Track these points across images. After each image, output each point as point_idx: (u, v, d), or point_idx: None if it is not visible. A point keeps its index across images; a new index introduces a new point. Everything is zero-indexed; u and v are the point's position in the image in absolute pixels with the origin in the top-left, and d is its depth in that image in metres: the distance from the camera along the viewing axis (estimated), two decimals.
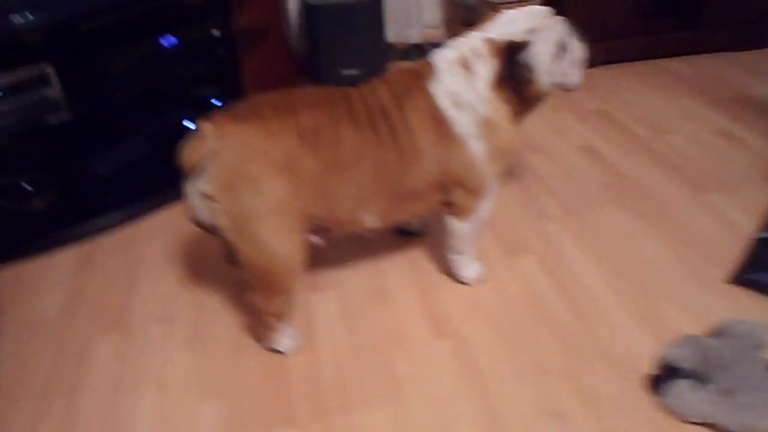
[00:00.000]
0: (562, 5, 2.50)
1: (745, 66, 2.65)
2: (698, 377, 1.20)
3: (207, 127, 1.17)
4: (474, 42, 1.32)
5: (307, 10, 2.16)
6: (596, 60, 2.63)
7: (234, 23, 2.22)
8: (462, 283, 1.52)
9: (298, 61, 2.48)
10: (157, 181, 1.98)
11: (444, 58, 1.32)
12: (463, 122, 1.29)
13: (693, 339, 1.27)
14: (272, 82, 2.36)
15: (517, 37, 1.28)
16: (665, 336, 1.34)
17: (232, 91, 2.38)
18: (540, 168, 1.99)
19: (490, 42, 1.30)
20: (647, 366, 1.28)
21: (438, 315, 1.44)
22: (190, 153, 1.18)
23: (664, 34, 2.69)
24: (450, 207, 1.39)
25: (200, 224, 1.26)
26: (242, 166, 1.16)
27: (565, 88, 1.39)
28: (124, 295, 1.58)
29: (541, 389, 1.25)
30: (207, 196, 1.18)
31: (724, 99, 2.36)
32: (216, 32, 2.14)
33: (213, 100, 2.34)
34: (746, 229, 1.65)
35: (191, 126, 2.20)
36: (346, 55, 2.22)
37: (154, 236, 1.80)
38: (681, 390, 1.19)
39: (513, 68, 1.28)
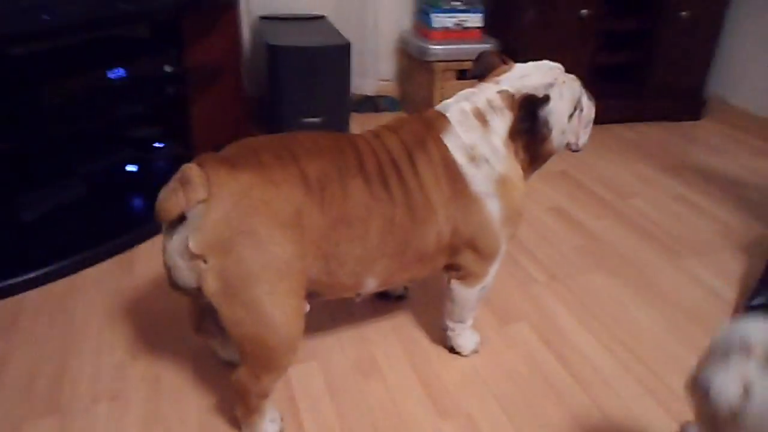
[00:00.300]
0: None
1: (685, 135, 2.77)
2: None
3: (194, 171, 0.98)
4: (489, 94, 1.23)
5: (271, 52, 2.02)
6: None
7: (186, 60, 2.04)
8: (456, 353, 1.39)
9: (251, 105, 2.32)
10: (93, 229, 1.73)
11: (458, 109, 1.22)
12: (479, 179, 1.18)
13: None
14: (222, 127, 2.18)
15: (538, 91, 1.20)
16: (674, 406, 1.26)
17: (178, 134, 2.18)
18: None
19: (506, 94, 1.22)
20: None
21: (437, 390, 1.29)
22: (171, 202, 0.98)
23: (611, 100, 2.76)
24: (456, 271, 1.27)
25: (179, 287, 1.06)
26: (241, 220, 0.98)
27: (572, 148, 1.33)
28: (59, 368, 1.31)
29: None
30: (193, 255, 0.98)
31: (672, 165, 2.43)
32: (168, 68, 1.95)
33: (156, 144, 2.13)
34: (728, 295, 1.64)
35: (132, 169, 1.97)
36: (310, 102, 2.08)
37: (92, 294, 1.54)
38: None
39: (531, 124, 1.20)
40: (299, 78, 2.03)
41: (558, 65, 1.28)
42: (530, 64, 1.27)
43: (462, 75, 2.55)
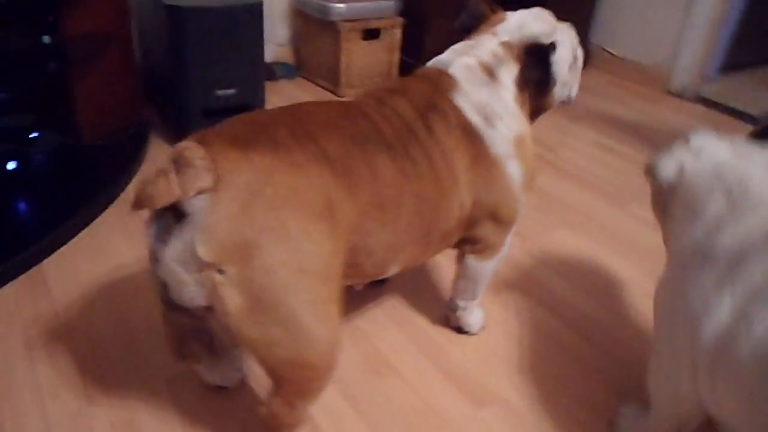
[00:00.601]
0: (424, 31, 2.43)
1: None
2: None
3: (196, 152, 0.76)
4: (491, 46, 1.10)
5: (170, 15, 1.71)
6: None
7: (66, 28, 1.67)
8: (464, 332, 1.28)
9: (146, 81, 1.98)
10: None
11: (462, 65, 1.08)
12: (498, 141, 1.06)
13: None
14: (112, 109, 1.85)
15: (542, 39, 1.10)
16: None
17: (59, 122, 1.81)
18: None
19: (509, 46, 1.10)
20: None
21: (460, 376, 1.18)
22: (160, 187, 0.73)
23: None
24: (472, 245, 1.15)
25: (178, 307, 0.83)
26: (266, 214, 0.77)
27: (566, 101, 1.26)
28: None
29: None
30: (203, 264, 0.76)
31: (579, 115, 2.49)
32: (46, 38, 1.58)
33: (33, 134, 1.75)
34: None
35: (11, 167, 1.60)
36: (221, 72, 1.81)
37: (2, 328, 1.21)
38: None
39: (542, 72, 1.10)
40: (207, 45, 1.75)
41: (549, 12, 1.18)
42: (523, 12, 1.16)
43: (369, 35, 2.39)
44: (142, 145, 1.85)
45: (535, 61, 1.09)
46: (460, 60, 1.09)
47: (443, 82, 1.07)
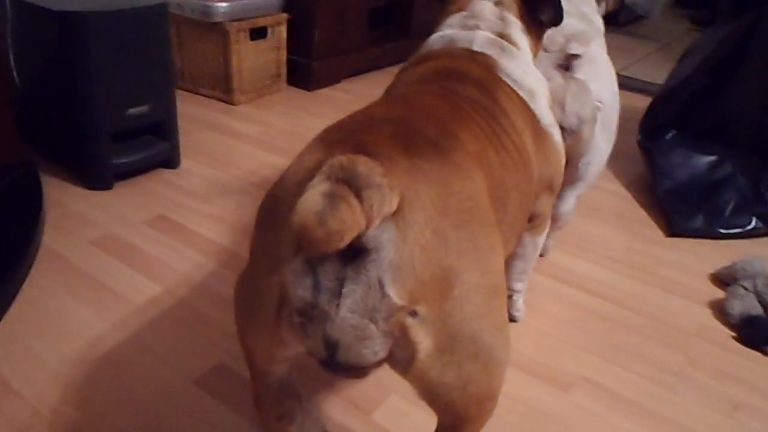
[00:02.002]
0: (311, 24, 2.31)
1: None
2: None
3: (372, 167, 0.56)
4: (490, 10, 1.04)
5: (64, 23, 1.40)
6: (344, 73, 2.53)
7: None
8: (513, 321, 1.23)
9: (24, 105, 1.60)
10: None
11: (484, 40, 1.00)
12: (542, 111, 1.02)
13: (738, 288, 1.32)
14: None
15: None
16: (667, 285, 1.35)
17: None
18: None
19: (501, 2, 1.05)
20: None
21: (535, 367, 1.13)
22: (347, 219, 0.52)
23: (386, 44, 2.74)
24: (530, 221, 1.09)
25: (348, 368, 0.64)
26: (458, 234, 0.62)
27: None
28: None
29: (694, 388, 1.10)
30: (393, 308, 0.59)
31: None
32: None
33: None
34: (625, 193, 1.81)
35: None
36: (130, 86, 1.52)
37: None
38: None
39: (549, 8, 1.05)
40: (111, 55, 1.45)
41: None
42: None
43: (257, 35, 2.20)
44: (34, 188, 1.50)
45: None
46: (475, 35, 1.01)
47: (485, 61, 0.99)
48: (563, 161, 1.07)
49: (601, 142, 1.22)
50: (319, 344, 0.61)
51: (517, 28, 1.04)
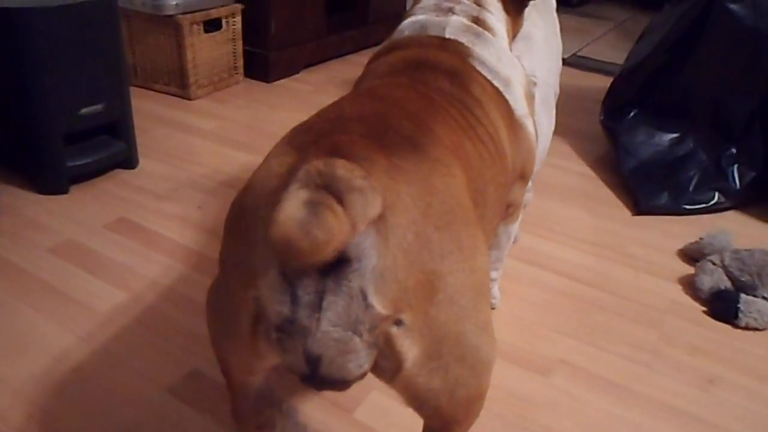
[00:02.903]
0: (267, 14, 2.26)
1: None
2: (747, 287, 1.27)
3: (352, 170, 0.53)
4: None
5: (6, 21, 1.32)
6: (302, 63, 2.49)
7: None
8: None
9: None
10: None
11: (458, 26, 0.98)
12: (517, 101, 1.00)
13: (706, 263, 1.34)
14: None
15: None
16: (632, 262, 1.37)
17: None
18: None
19: None
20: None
21: (514, 353, 1.12)
22: (331, 228, 0.49)
23: (345, 31, 2.70)
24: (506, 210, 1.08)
25: (330, 382, 0.61)
26: (441, 235, 0.60)
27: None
28: None
29: (669, 364, 1.11)
30: (377, 318, 0.56)
31: None
32: None
33: None
34: (591, 173, 1.82)
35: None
36: (81, 85, 1.45)
37: None
38: (749, 304, 1.23)
39: None
40: (60, 53, 1.39)
41: None
42: None
43: (211, 27, 2.13)
44: None
45: None
46: (448, 20, 0.99)
47: (456, 49, 0.96)
48: (536, 150, 1.06)
49: (543, 118, 1.22)
50: (299, 360, 0.58)
51: (494, 10, 1.02)
